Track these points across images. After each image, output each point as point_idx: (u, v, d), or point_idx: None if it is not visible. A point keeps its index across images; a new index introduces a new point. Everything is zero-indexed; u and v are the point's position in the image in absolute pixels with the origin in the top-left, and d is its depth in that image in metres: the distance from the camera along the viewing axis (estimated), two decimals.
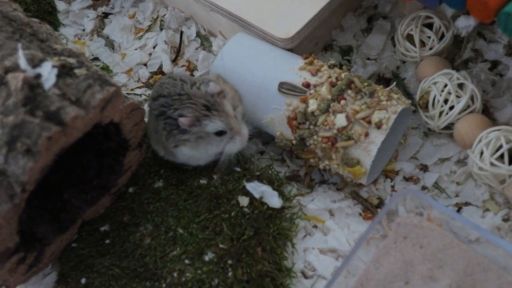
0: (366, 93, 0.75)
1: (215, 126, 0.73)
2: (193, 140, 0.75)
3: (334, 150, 0.75)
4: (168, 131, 0.75)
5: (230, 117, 0.74)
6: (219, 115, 0.73)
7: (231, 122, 0.74)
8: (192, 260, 0.72)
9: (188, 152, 0.77)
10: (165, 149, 0.78)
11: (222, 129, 0.74)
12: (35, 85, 0.62)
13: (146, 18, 1.09)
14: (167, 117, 0.74)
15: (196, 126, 0.73)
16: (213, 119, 0.73)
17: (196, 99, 0.73)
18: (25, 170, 0.59)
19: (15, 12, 0.77)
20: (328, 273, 0.74)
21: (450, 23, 0.85)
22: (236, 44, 0.84)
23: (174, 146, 0.76)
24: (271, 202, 0.77)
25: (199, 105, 0.73)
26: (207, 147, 0.76)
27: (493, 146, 0.73)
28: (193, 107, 0.73)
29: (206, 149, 0.76)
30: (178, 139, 0.75)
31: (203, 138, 0.74)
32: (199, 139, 0.75)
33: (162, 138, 0.76)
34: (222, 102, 0.74)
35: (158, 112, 0.75)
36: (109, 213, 0.80)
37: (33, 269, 0.73)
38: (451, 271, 0.67)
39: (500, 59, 0.89)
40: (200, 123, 0.73)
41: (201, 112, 0.73)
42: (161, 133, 0.76)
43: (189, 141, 0.75)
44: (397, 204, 0.72)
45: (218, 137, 0.75)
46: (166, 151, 0.79)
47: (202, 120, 0.73)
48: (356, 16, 0.99)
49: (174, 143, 0.76)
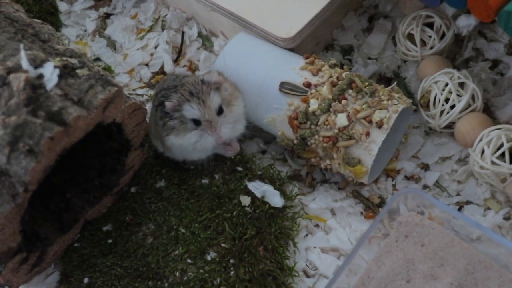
0: (367, 93, 0.75)
1: (191, 113, 0.73)
2: (177, 126, 0.75)
3: (335, 149, 0.75)
4: (164, 121, 0.76)
5: (208, 109, 0.73)
6: (198, 103, 0.73)
7: (206, 113, 0.73)
8: (194, 259, 0.72)
9: (174, 140, 0.77)
10: (162, 142, 0.79)
11: (197, 118, 0.74)
12: (37, 85, 0.62)
13: (148, 18, 1.09)
14: (164, 106, 0.76)
15: (178, 111, 0.74)
16: (192, 104, 0.73)
17: (186, 86, 0.74)
18: (27, 170, 0.59)
19: (17, 13, 0.77)
20: (330, 272, 0.74)
21: (451, 22, 0.85)
22: (237, 44, 0.84)
23: (166, 135, 0.77)
24: (273, 201, 0.77)
25: (186, 91, 0.74)
26: (186, 135, 0.75)
27: (494, 145, 0.73)
28: (180, 92, 0.74)
29: (187, 137, 0.75)
30: (168, 127, 0.76)
31: (184, 124, 0.75)
32: (181, 126, 0.75)
33: (159, 128, 0.77)
34: (209, 92, 0.74)
35: (158, 102, 0.77)
36: (111, 212, 0.80)
37: (36, 269, 0.73)
38: (453, 270, 0.67)
39: (501, 58, 0.89)
40: (181, 107, 0.74)
41: (185, 97, 0.74)
42: (158, 123, 0.77)
43: (175, 128, 0.75)
44: (398, 203, 0.72)
45: (195, 126, 0.75)
46: (163, 144, 0.79)
47: (183, 105, 0.74)
48: (357, 16, 0.99)
49: (166, 132, 0.76)
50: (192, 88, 0.74)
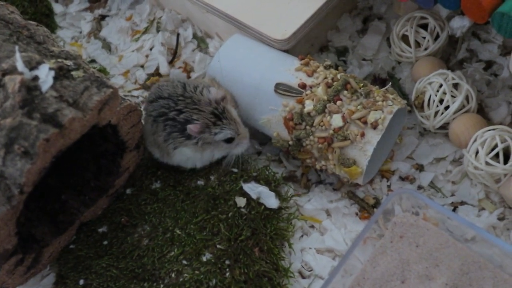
0: (362, 94, 0.75)
1: (226, 135, 0.75)
2: (199, 144, 0.75)
3: (330, 150, 0.75)
4: (168, 132, 0.75)
5: (238, 124, 0.76)
6: (229, 123, 0.75)
7: (239, 128, 0.76)
8: (190, 260, 0.73)
9: (190, 154, 0.77)
10: (161, 150, 0.79)
11: (231, 136, 0.76)
12: (32, 87, 0.62)
13: (143, 20, 1.09)
14: (168, 118, 0.75)
15: (205, 132, 0.74)
16: (224, 128, 0.74)
17: (203, 106, 0.74)
18: (22, 172, 0.59)
19: (12, 15, 0.77)
20: (325, 272, 0.74)
21: (445, 23, 0.86)
22: (232, 46, 0.84)
23: (174, 148, 0.76)
24: (268, 202, 0.77)
25: (207, 112, 0.74)
26: (213, 152, 0.78)
27: (488, 145, 0.73)
28: (201, 114, 0.74)
29: (212, 153, 0.78)
30: (181, 142, 0.76)
31: (211, 144, 0.76)
32: (205, 144, 0.76)
33: (160, 139, 0.76)
34: (228, 109, 0.76)
35: (157, 113, 0.76)
36: (106, 214, 0.80)
37: (31, 270, 0.73)
38: (447, 270, 0.67)
39: (495, 59, 0.89)
40: (209, 130, 0.74)
41: (210, 120, 0.74)
42: (160, 135, 0.76)
43: (194, 144, 0.75)
44: (393, 203, 0.72)
45: (227, 143, 0.76)
46: (163, 152, 0.79)
47: (212, 128, 0.74)
48: (352, 17, 0.99)
49: (174, 144, 0.76)
50: (212, 109, 0.74)
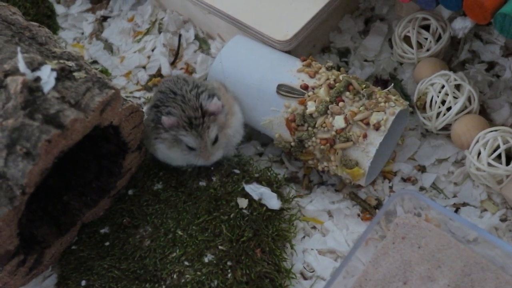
0: (364, 95, 0.75)
1: (187, 141, 0.75)
2: (170, 140, 0.76)
3: (332, 151, 0.75)
4: (155, 124, 0.77)
5: (204, 143, 0.75)
6: (196, 136, 0.74)
7: (202, 147, 0.75)
8: (192, 261, 0.72)
9: (163, 149, 0.78)
10: (148, 142, 0.80)
11: (192, 147, 0.75)
12: (34, 88, 0.62)
13: (145, 21, 1.09)
14: (158, 111, 0.76)
15: (174, 130, 0.75)
16: (189, 136, 0.74)
17: (188, 108, 0.74)
18: (24, 173, 0.59)
19: (14, 16, 0.77)
20: (327, 274, 0.74)
21: (447, 24, 0.85)
22: (234, 47, 0.85)
23: (154, 138, 0.78)
24: (270, 203, 0.77)
25: (186, 113, 0.74)
26: (177, 152, 0.77)
27: (490, 146, 0.73)
28: (180, 112, 0.74)
29: (177, 154, 0.78)
30: (158, 134, 0.77)
31: (178, 142, 0.76)
32: (174, 142, 0.76)
33: (148, 129, 0.78)
34: (208, 125, 0.74)
35: (153, 104, 0.78)
36: (108, 215, 0.80)
37: (33, 271, 0.73)
38: (449, 271, 0.67)
39: (497, 60, 0.89)
40: (178, 130, 0.74)
41: (184, 121, 0.74)
42: (149, 124, 0.78)
43: (167, 140, 0.76)
44: (395, 204, 0.72)
45: (188, 149, 0.76)
46: (149, 143, 0.80)
47: (180, 130, 0.74)
48: (353, 18, 0.99)
49: (154, 135, 0.78)
50: (192, 116, 0.74)
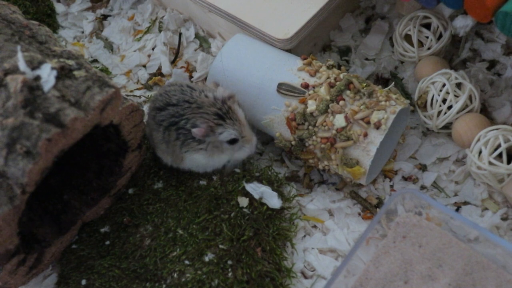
0: (365, 94, 0.75)
1: (228, 135, 0.74)
2: (209, 149, 0.75)
3: (333, 150, 0.75)
4: (182, 141, 0.75)
5: (242, 125, 0.75)
6: (232, 124, 0.74)
7: (243, 130, 0.75)
8: (192, 260, 0.72)
9: (202, 160, 0.77)
10: (175, 157, 0.78)
11: (235, 137, 0.74)
12: (34, 87, 0.62)
13: (145, 19, 1.09)
14: (179, 127, 0.74)
15: (210, 135, 0.74)
16: (227, 127, 0.73)
17: (207, 108, 0.73)
18: (25, 171, 0.59)
19: (14, 15, 0.77)
20: (327, 273, 0.74)
21: (448, 23, 0.85)
22: (234, 45, 0.84)
23: (187, 154, 0.76)
24: (271, 202, 0.77)
25: (211, 114, 0.73)
26: (220, 156, 0.77)
27: (491, 145, 0.73)
28: (204, 116, 0.73)
29: (220, 157, 0.77)
30: (193, 148, 0.75)
31: (218, 147, 0.75)
32: (214, 148, 0.75)
33: (175, 148, 0.76)
34: (234, 108, 0.75)
35: (168, 122, 0.75)
36: (109, 214, 0.80)
37: (33, 270, 0.73)
38: (450, 270, 0.67)
39: (498, 58, 0.89)
40: (213, 132, 0.73)
41: (214, 121, 0.73)
42: (174, 144, 0.76)
43: (204, 150, 0.75)
44: (396, 203, 0.72)
45: (230, 145, 0.75)
46: (176, 159, 0.78)
47: (216, 129, 0.73)
48: (354, 17, 0.99)
49: (187, 151, 0.76)
50: (216, 110, 0.73)
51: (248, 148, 0.77)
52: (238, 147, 0.76)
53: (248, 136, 0.76)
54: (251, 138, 0.76)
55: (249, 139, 0.76)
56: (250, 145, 0.76)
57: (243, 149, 0.77)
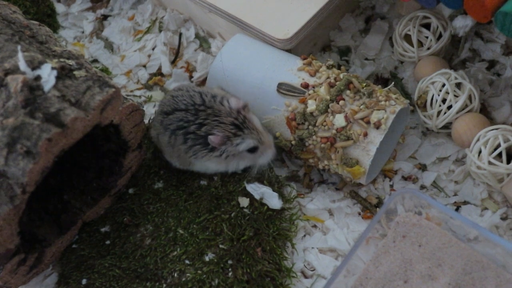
0: (365, 93, 0.75)
1: (248, 144, 0.74)
2: (223, 157, 0.75)
3: (333, 150, 0.75)
4: (190, 146, 0.75)
5: (260, 133, 0.75)
6: (250, 133, 0.74)
7: (262, 138, 0.75)
8: (193, 260, 0.73)
9: (214, 166, 0.77)
10: (183, 161, 0.78)
11: (254, 145, 0.75)
12: (34, 87, 0.63)
13: (145, 20, 1.09)
14: (188, 132, 0.74)
15: (227, 145, 0.74)
16: (246, 138, 0.74)
17: (224, 117, 0.73)
18: (25, 171, 0.59)
19: (15, 15, 0.77)
20: (327, 272, 0.74)
21: (448, 23, 0.85)
22: (234, 46, 0.84)
23: (193, 157, 0.76)
24: (271, 203, 0.77)
25: (227, 124, 0.73)
26: (238, 163, 0.77)
27: (491, 145, 0.73)
28: (221, 126, 0.73)
29: (237, 164, 0.77)
30: (204, 155, 0.75)
31: (235, 155, 0.75)
32: (230, 157, 0.75)
33: (181, 153, 0.76)
34: (250, 117, 0.75)
35: (176, 126, 0.75)
36: (109, 214, 0.80)
37: (34, 270, 0.73)
38: (450, 270, 0.67)
39: (498, 58, 0.89)
40: (231, 142, 0.73)
41: (231, 131, 0.73)
42: (179, 148, 0.75)
43: (217, 157, 0.75)
44: (396, 203, 0.72)
45: (251, 153, 0.75)
46: (184, 162, 0.78)
47: (233, 140, 0.73)
48: (354, 17, 0.99)
49: (196, 157, 0.76)
50: (233, 120, 0.73)
51: (270, 152, 0.77)
52: (259, 153, 0.76)
53: (267, 141, 0.76)
54: (270, 144, 0.77)
55: (269, 144, 0.76)
56: (271, 150, 0.77)
57: (266, 154, 0.77)
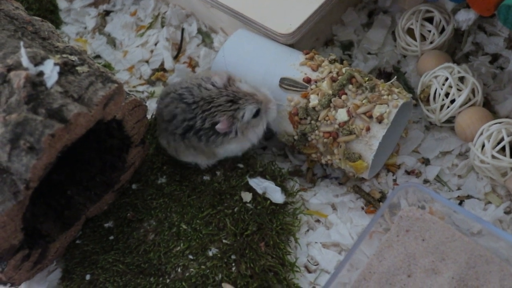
0: (367, 88, 0.75)
1: (251, 111, 0.73)
2: (239, 134, 0.75)
3: (335, 145, 0.75)
4: (206, 140, 0.74)
5: (253, 95, 0.74)
6: (246, 100, 0.73)
7: (257, 97, 0.74)
8: (196, 255, 0.73)
9: (237, 146, 0.77)
10: (208, 156, 0.78)
11: (256, 109, 0.74)
12: (37, 83, 0.63)
13: (147, 15, 1.09)
14: (197, 130, 0.74)
15: (235, 123, 0.73)
16: (245, 106, 0.73)
17: (216, 100, 0.73)
18: (28, 167, 0.59)
19: (17, 11, 0.77)
20: (331, 267, 0.74)
21: (451, 16, 0.85)
22: (236, 41, 0.84)
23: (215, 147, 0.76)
24: (274, 197, 0.77)
25: (223, 104, 0.73)
26: (254, 132, 0.76)
27: (494, 139, 0.73)
28: (219, 109, 0.73)
29: (256, 132, 0.77)
30: (222, 142, 0.75)
31: (247, 127, 0.75)
32: (245, 130, 0.75)
33: (204, 149, 0.76)
34: (238, 85, 0.74)
35: (183, 129, 0.75)
36: (112, 209, 0.80)
37: (38, 266, 0.73)
38: (454, 264, 0.67)
39: (501, 52, 0.89)
40: (236, 118, 0.73)
41: (230, 108, 0.73)
42: (198, 146, 0.75)
43: (234, 137, 0.75)
44: (399, 197, 0.72)
45: (257, 117, 0.75)
46: (209, 157, 0.78)
47: (237, 114, 0.73)
48: (357, 11, 0.99)
49: (217, 146, 0.76)
50: (225, 97, 0.73)
51: (272, 105, 0.75)
52: (264, 113, 0.75)
53: (263, 98, 0.75)
54: (268, 98, 0.75)
55: (267, 99, 0.75)
56: (271, 102, 0.75)
57: (270, 110, 0.75)
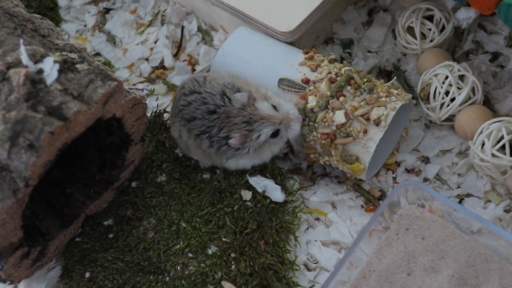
0: (366, 90, 0.75)
1: (267, 134, 0.73)
2: (251, 151, 0.74)
3: (333, 146, 0.75)
4: (217, 148, 0.74)
5: (272, 116, 0.73)
6: (262, 123, 0.72)
7: (275, 118, 0.73)
8: (196, 253, 0.73)
9: (248, 162, 0.77)
10: (214, 162, 0.78)
11: (273, 131, 0.73)
12: (37, 80, 0.63)
13: (147, 13, 1.09)
14: (211, 135, 0.74)
15: (247, 142, 0.73)
16: (261, 129, 0.72)
17: (233, 118, 0.72)
18: (28, 165, 0.59)
19: (17, 8, 0.77)
20: (330, 265, 0.74)
21: (451, 15, 0.85)
22: (236, 40, 0.84)
23: (225, 159, 0.76)
24: (274, 196, 0.77)
25: (239, 123, 0.72)
26: (270, 149, 0.76)
27: (494, 137, 0.73)
28: (235, 126, 0.72)
29: (270, 151, 0.76)
30: (233, 154, 0.75)
31: (262, 146, 0.74)
32: (258, 149, 0.74)
33: (212, 155, 0.76)
34: (258, 105, 0.73)
35: (199, 131, 0.74)
36: (112, 207, 0.80)
37: (37, 263, 0.73)
38: (453, 262, 0.67)
39: (501, 50, 0.88)
40: (250, 138, 0.73)
41: (245, 129, 0.72)
42: (209, 151, 0.75)
43: (246, 153, 0.74)
44: (399, 196, 0.72)
45: (277, 137, 0.74)
46: (216, 163, 0.78)
47: (251, 135, 0.73)
48: (357, 9, 0.99)
49: (226, 157, 0.76)
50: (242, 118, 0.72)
51: (295, 122, 0.73)
52: (284, 131, 0.74)
53: (285, 116, 0.73)
54: (288, 115, 0.73)
55: (289, 117, 0.73)
56: (295, 118, 0.73)
57: (291, 130, 0.74)
